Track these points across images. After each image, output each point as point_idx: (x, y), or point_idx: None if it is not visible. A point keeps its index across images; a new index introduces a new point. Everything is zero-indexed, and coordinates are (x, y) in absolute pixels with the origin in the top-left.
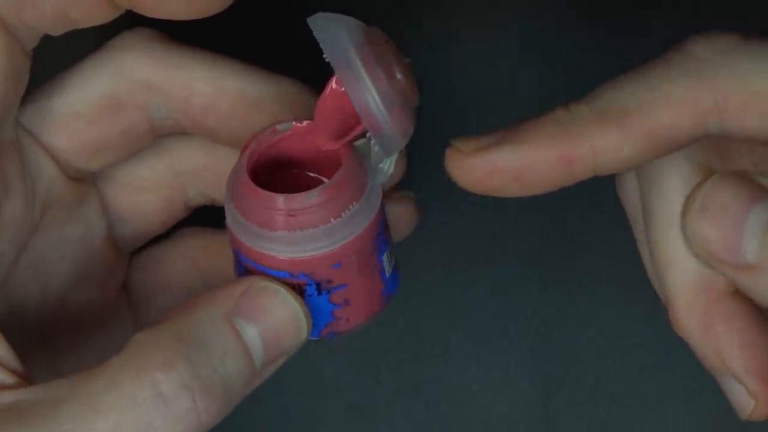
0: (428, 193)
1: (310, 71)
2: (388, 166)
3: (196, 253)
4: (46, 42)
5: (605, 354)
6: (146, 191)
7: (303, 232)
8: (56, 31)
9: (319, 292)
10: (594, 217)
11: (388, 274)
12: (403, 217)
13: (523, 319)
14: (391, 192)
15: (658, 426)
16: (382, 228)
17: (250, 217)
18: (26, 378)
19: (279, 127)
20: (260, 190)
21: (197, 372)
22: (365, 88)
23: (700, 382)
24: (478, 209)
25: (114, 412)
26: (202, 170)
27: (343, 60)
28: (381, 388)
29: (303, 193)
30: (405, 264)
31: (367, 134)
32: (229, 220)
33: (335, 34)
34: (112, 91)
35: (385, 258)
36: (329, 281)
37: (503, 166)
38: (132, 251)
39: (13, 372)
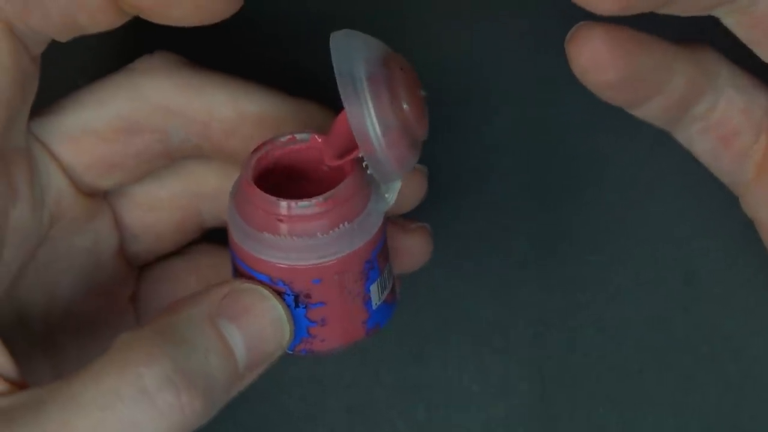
0: (428, 192)
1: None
2: (390, 195)
3: (208, 271)
4: (60, 54)
5: (605, 354)
6: (161, 211)
7: (287, 240)
8: (63, 37)
9: (297, 305)
10: (594, 217)
11: (375, 306)
12: (416, 248)
13: (522, 320)
14: (406, 223)
15: (657, 426)
16: (375, 256)
17: (244, 214)
18: (21, 384)
19: (298, 136)
20: (256, 189)
21: (180, 366)
22: (362, 106)
23: (700, 382)
24: (478, 209)
25: (96, 409)
26: (218, 193)
27: (347, 75)
28: (381, 388)
29: (294, 200)
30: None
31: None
32: (227, 215)
33: (349, 50)
34: (129, 113)
35: (373, 288)
36: (307, 296)
37: None
38: (142, 265)
39: (5, 379)
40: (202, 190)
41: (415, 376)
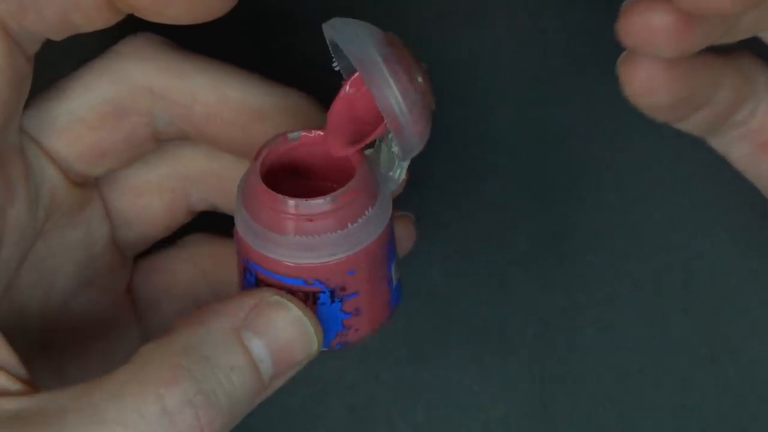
0: (428, 192)
1: (313, 80)
2: (399, 174)
3: (204, 260)
4: (47, 45)
5: (605, 354)
6: (150, 194)
7: (319, 238)
8: (58, 36)
9: (333, 300)
10: (594, 217)
11: (394, 284)
12: (401, 236)
13: (522, 320)
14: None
15: (657, 427)
16: (391, 237)
17: (264, 223)
18: (31, 385)
19: (289, 135)
20: (276, 195)
21: (202, 387)
22: (388, 86)
23: (699, 382)
24: (478, 209)
25: (119, 425)
26: (205, 176)
27: (366, 59)
28: (381, 388)
29: (320, 198)
30: (405, 264)
31: (377, 141)
32: (240, 229)
33: (355, 36)
34: (115, 97)
35: (393, 267)
36: (343, 288)
37: None
38: (136, 255)
39: (17, 379)
40: (189, 172)
41: (415, 376)
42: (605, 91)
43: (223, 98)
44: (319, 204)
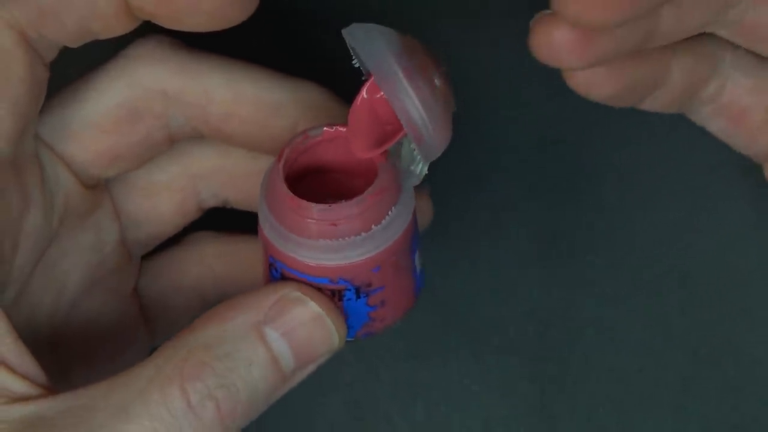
0: (428, 192)
1: (327, 72)
2: (421, 169)
3: (211, 258)
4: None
5: (605, 354)
6: (160, 194)
7: (345, 240)
8: (76, 43)
9: (358, 296)
10: (594, 217)
11: (418, 272)
12: (419, 212)
13: (522, 320)
14: None
15: (657, 426)
16: (415, 229)
17: (289, 226)
18: (49, 388)
19: (311, 133)
20: (302, 201)
21: (223, 382)
22: (408, 98)
23: (699, 382)
24: (478, 209)
25: (146, 420)
26: (215, 171)
27: (386, 72)
28: (381, 388)
29: (346, 202)
30: None
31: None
32: (264, 227)
33: (374, 46)
34: (129, 101)
35: (416, 256)
36: (368, 285)
37: None
38: (143, 255)
39: (37, 384)
40: (199, 169)
41: (415, 375)
42: None
43: (238, 96)
44: (343, 208)
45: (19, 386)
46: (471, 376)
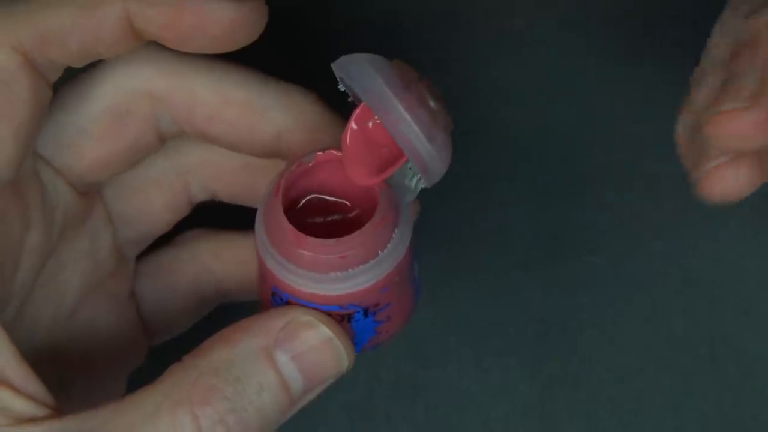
0: (428, 193)
1: (318, 75)
2: (417, 183)
3: (206, 256)
4: None
5: (605, 354)
6: (150, 190)
7: (354, 270)
8: (80, 64)
9: (366, 315)
10: (594, 217)
11: (416, 278)
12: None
13: (522, 320)
14: None
15: (657, 426)
16: (413, 241)
17: (299, 262)
18: (56, 409)
19: (303, 160)
20: (309, 238)
21: (234, 406)
22: (412, 132)
23: (699, 382)
24: (478, 209)
25: None
26: (204, 164)
27: (385, 106)
28: (381, 388)
29: (352, 235)
30: None
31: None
32: (266, 259)
33: (368, 79)
34: (116, 105)
35: (415, 266)
36: (376, 305)
37: None
38: (137, 257)
39: (44, 405)
40: (187, 164)
41: (415, 376)
42: (606, 91)
43: (225, 98)
44: (350, 241)
45: (24, 407)
46: (471, 376)
